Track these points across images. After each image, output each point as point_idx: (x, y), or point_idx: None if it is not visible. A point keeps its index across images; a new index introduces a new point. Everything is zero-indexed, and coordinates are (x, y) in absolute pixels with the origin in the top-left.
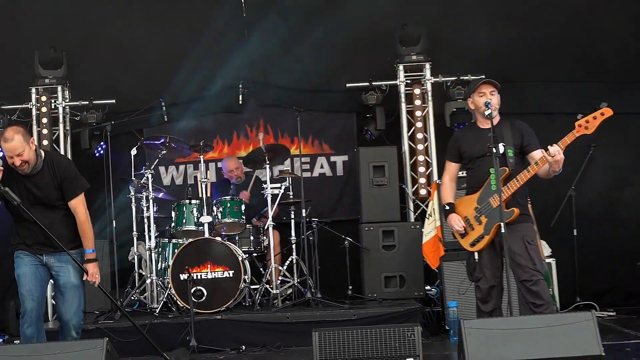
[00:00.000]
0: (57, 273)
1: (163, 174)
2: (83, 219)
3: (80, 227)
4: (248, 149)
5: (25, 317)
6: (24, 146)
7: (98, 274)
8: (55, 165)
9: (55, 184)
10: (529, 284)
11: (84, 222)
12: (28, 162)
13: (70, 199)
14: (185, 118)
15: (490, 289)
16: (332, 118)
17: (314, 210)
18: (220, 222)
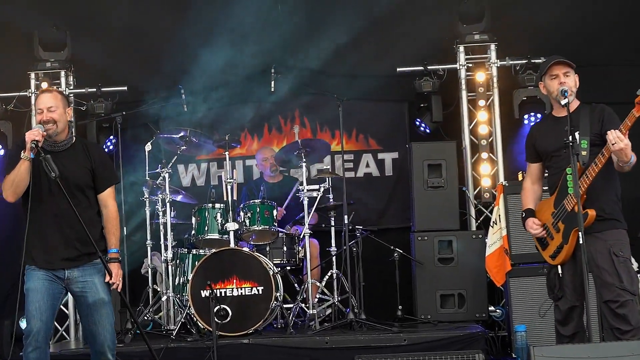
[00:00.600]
0: (83, 290)
1: (182, 173)
2: (114, 214)
3: (111, 223)
4: (281, 144)
5: (31, 339)
6: (59, 104)
7: (121, 275)
8: (90, 149)
9: (88, 165)
10: (614, 305)
11: (115, 218)
12: (57, 122)
13: (104, 189)
14: (208, 108)
15: (571, 310)
16: (379, 108)
17: (358, 216)
18: (249, 229)
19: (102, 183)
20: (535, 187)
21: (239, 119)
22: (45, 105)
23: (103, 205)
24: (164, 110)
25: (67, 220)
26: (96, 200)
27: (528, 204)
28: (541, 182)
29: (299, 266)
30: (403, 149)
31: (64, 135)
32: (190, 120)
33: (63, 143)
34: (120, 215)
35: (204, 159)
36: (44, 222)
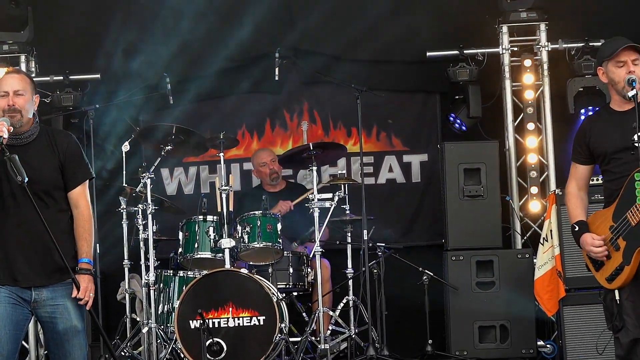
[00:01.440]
0: (52, 315)
1: (166, 178)
2: (87, 215)
3: (82, 227)
4: (286, 144)
5: None
6: (27, 89)
7: (92, 291)
8: (57, 139)
9: (56, 161)
10: None
11: (88, 220)
12: (21, 111)
13: (74, 186)
14: (199, 100)
15: (634, 344)
16: (405, 101)
17: (380, 231)
18: (248, 247)
19: (73, 179)
20: (581, 193)
21: (236, 113)
22: (12, 88)
23: (74, 206)
24: (145, 103)
25: (35, 231)
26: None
27: (579, 215)
28: (587, 189)
29: (308, 291)
30: (434, 150)
31: (28, 126)
32: (176, 115)
33: (26, 135)
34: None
35: (193, 161)
36: (6, 233)
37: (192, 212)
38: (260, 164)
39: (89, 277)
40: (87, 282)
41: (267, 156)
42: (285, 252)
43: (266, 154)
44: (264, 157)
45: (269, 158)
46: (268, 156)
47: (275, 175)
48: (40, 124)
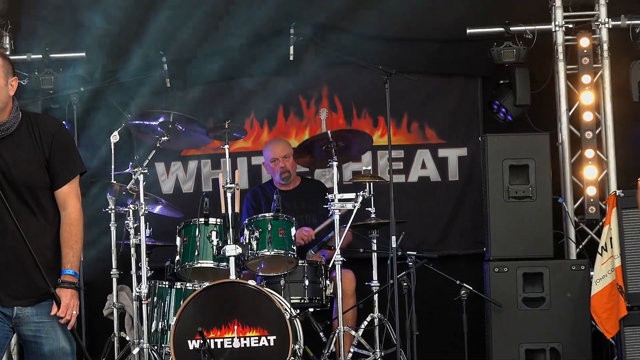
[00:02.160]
0: (37, 334)
1: (162, 174)
2: (76, 218)
3: (69, 232)
4: (302, 135)
5: None
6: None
7: (76, 308)
8: (42, 128)
9: (40, 156)
10: None
11: (76, 225)
12: None
13: (62, 184)
14: (200, 84)
15: None
16: (442, 86)
17: (411, 238)
18: (256, 255)
19: (61, 175)
20: None
21: (244, 99)
22: None
23: (61, 207)
24: (137, 86)
25: (18, 240)
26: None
27: None
28: None
29: (326, 307)
30: (474, 143)
31: (6, 115)
32: (174, 101)
33: (5, 127)
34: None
35: (193, 155)
36: None
37: (191, 214)
38: (272, 159)
39: (73, 292)
40: (70, 297)
41: (280, 150)
42: (300, 261)
43: (280, 147)
44: (276, 152)
45: (281, 153)
46: (282, 151)
47: (287, 174)
48: (21, 110)
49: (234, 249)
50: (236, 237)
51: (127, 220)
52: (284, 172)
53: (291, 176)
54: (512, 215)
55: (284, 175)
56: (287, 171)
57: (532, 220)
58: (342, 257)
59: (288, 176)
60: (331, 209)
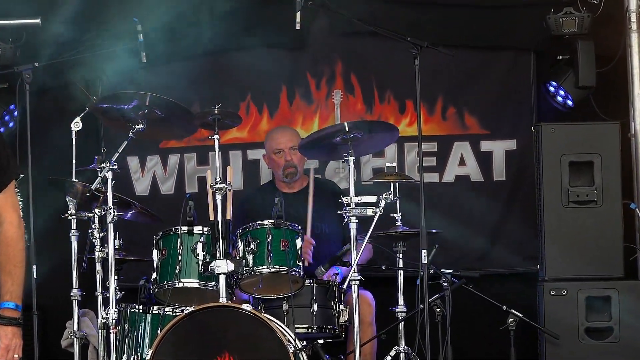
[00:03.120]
0: None
1: (136, 172)
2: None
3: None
4: (310, 123)
5: None
6: None
7: (19, 350)
8: None
9: None
10: None
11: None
12: None
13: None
14: (183, 59)
15: None
16: (485, 62)
17: (447, 252)
18: (253, 272)
19: None
20: None
21: (238, 77)
22: None
23: None
24: (106, 62)
25: None
26: None
27: None
28: None
29: (339, 338)
30: (526, 134)
31: None
32: (152, 80)
33: None
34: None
35: (174, 147)
36: None
37: (172, 221)
38: (275, 150)
39: (14, 330)
40: (11, 337)
41: (287, 140)
42: (307, 280)
43: (287, 135)
44: (281, 141)
45: (288, 144)
46: (288, 140)
47: (292, 170)
48: None
49: (225, 265)
50: (227, 250)
51: (92, 229)
52: (290, 166)
53: (297, 174)
54: (573, 225)
55: (288, 170)
56: (294, 166)
57: (597, 231)
58: (359, 275)
59: (294, 172)
60: (346, 216)
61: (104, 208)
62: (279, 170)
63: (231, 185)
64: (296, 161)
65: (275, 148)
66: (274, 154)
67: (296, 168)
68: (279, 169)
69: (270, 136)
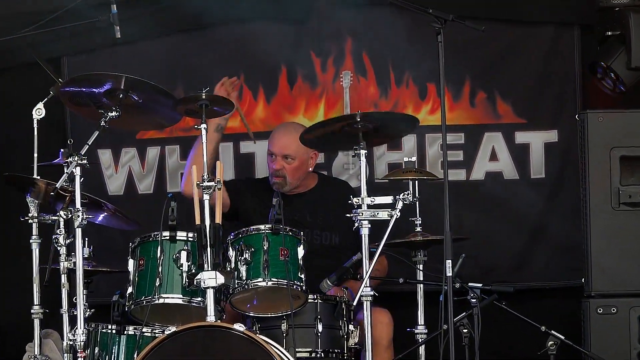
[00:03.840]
0: None
1: (108, 166)
2: None
3: None
4: (314, 110)
5: None
6: None
7: None
8: None
9: None
10: None
11: None
12: None
13: None
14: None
15: None
16: (520, 40)
17: (476, 263)
18: (246, 286)
19: None
20: None
21: (228, 56)
22: None
23: None
24: (73, 38)
25: None
26: None
27: None
28: None
29: None
30: (568, 123)
31: None
32: (127, 59)
33: None
34: None
35: (153, 138)
36: None
37: (151, 225)
38: (270, 151)
39: None
40: None
41: (281, 147)
42: (311, 296)
43: (284, 141)
44: (276, 144)
45: (282, 151)
46: (283, 147)
47: (279, 180)
48: None
49: (214, 278)
50: (217, 260)
51: (57, 235)
52: (277, 176)
53: (286, 184)
54: (624, 231)
55: (274, 179)
56: (283, 176)
57: None
58: (372, 290)
59: (281, 184)
60: (357, 220)
61: (70, 210)
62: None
63: (221, 183)
64: (288, 172)
65: (270, 149)
66: (268, 156)
67: (285, 179)
68: (270, 172)
69: (273, 133)
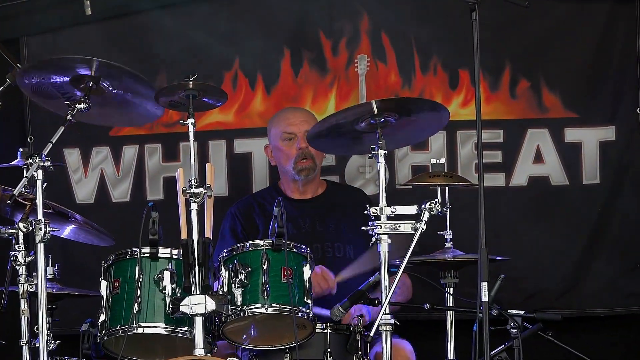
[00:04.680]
0: None
1: (76, 169)
2: None
3: None
4: (324, 102)
5: None
6: None
7: None
8: None
9: None
10: None
11: None
12: None
13: None
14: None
15: None
16: (571, 18)
17: (516, 286)
18: (242, 313)
19: None
20: None
21: (220, 36)
22: None
23: None
24: (36, 14)
25: None
26: None
27: None
28: None
29: None
30: (629, 118)
31: None
32: (98, 40)
33: None
34: None
35: (130, 135)
36: None
37: (127, 240)
38: (285, 134)
39: None
40: None
41: (301, 121)
42: (319, 324)
43: (301, 116)
44: (294, 122)
45: (303, 126)
46: (304, 122)
47: (308, 163)
48: None
49: (203, 303)
50: (207, 282)
51: (15, 252)
52: (304, 157)
53: (315, 168)
54: None
55: (302, 163)
56: (310, 157)
57: None
58: (392, 318)
59: (310, 167)
60: (375, 234)
61: (31, 222)
62: (288, 164)
63: (212, 189)
64: (314, 152)
65: (284, 131)
66: (282, 141)
67: (314, 160)
68: (289, 161)
69: (277, 118)
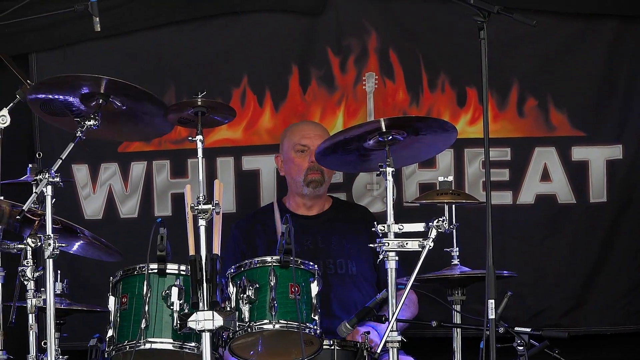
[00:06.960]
0: None
1: (85, 185)
2: None
3: None
4: (332, 118)
5: None
6: None
7: None
8: None
9: None
10: None
11: None
12: None
13: None
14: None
15: None
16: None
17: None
18: (250, 330)
19: None
20: None
21: (228, 53)
22: None
23: None
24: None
25: None
26: None
27: None
28: None
29: None
30: (636, 136)
31: None
32: (108, 57)
33: None
34: None
35: (138, 152)
36: None
37: (136, 256)
38: (299, 146)
39: None
40: None
41: (315, 135)
42: (326, 341)
43: (316, 130)
44: (308, 135)
45: (317, 140)
46: (318, 136)
47: (317, 176)
48: None
49: (211, 320)
50: (214, 298)
51: (23, 267)
52: (315, 170)
53: (323, 183)
54: None
55: (312, 176)
56: (320, 171)
57: None
58: (399, 335)
59: (319, 180)
60: (382, 251)
61: (40, 237)
62: (298, 175)
63: (220, 206)
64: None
65: (299, 143)
66: (295, 152)
67: (323, 175)
68: (300, 173)
69: (293, 129)
